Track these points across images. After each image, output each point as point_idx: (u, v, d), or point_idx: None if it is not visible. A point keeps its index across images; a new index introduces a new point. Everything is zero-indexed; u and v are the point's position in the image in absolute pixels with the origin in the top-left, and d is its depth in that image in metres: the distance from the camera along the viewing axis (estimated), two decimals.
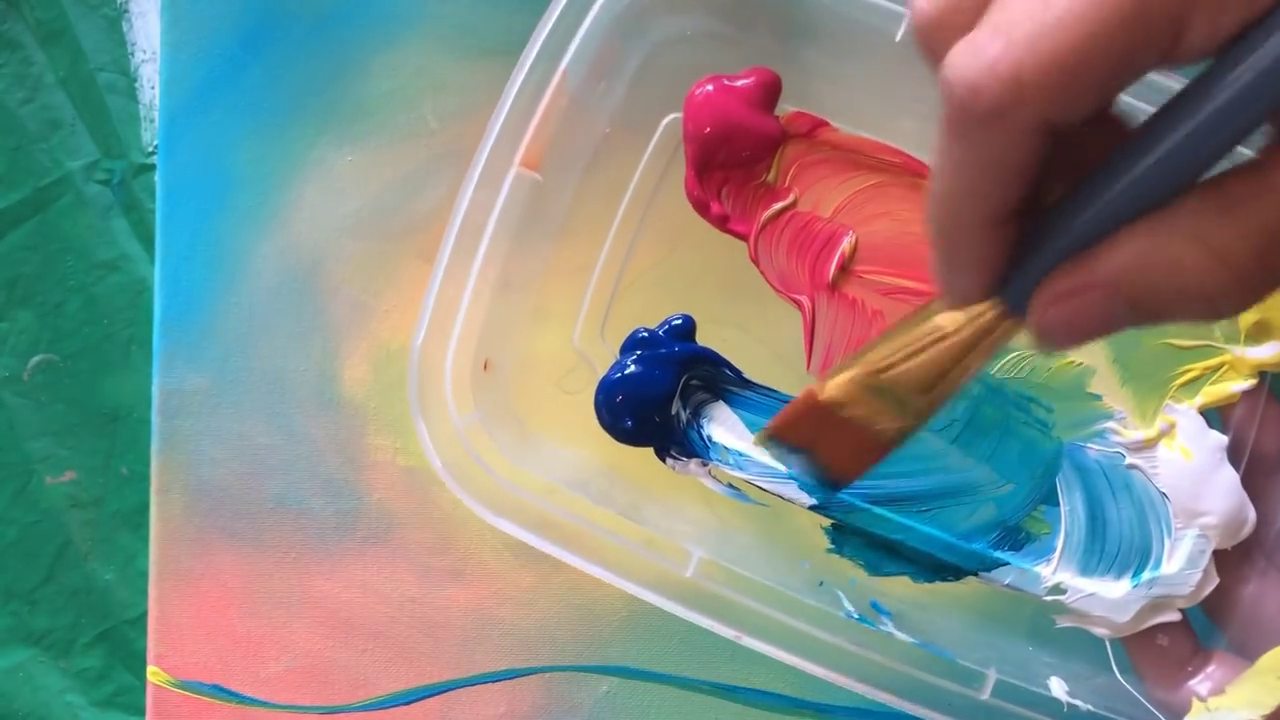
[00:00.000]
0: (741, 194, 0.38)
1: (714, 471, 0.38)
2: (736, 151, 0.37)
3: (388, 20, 0.40)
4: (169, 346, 0.41)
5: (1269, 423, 0.36)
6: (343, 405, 0.41)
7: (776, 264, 0.38)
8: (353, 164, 0.41)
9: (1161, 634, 0.35)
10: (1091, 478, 0.37)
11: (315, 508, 0.41)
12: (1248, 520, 0.35)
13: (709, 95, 0.36)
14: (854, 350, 0.38)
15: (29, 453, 0.43)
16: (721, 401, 0.38)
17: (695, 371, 0.38)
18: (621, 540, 0.35)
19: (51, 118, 0.43)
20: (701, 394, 0.38)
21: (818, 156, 0.38)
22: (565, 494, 0.36)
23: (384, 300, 0.41)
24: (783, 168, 0.38)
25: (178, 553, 0.41)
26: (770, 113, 0.37)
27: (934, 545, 0.37)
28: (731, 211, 0.38)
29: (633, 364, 0.37)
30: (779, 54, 0.37)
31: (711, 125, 0.36)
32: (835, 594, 0.36)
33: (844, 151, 0.38)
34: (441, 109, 0.40)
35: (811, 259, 0.38)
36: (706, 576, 0.35)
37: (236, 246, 0.41)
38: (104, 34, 0.43)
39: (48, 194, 0.43)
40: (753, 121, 0.36)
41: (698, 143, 0.36)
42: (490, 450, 0.36)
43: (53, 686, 0.43)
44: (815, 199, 0.38)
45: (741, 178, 0.38)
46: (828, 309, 0.38)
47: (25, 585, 0.43)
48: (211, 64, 0.41)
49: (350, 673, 0.41)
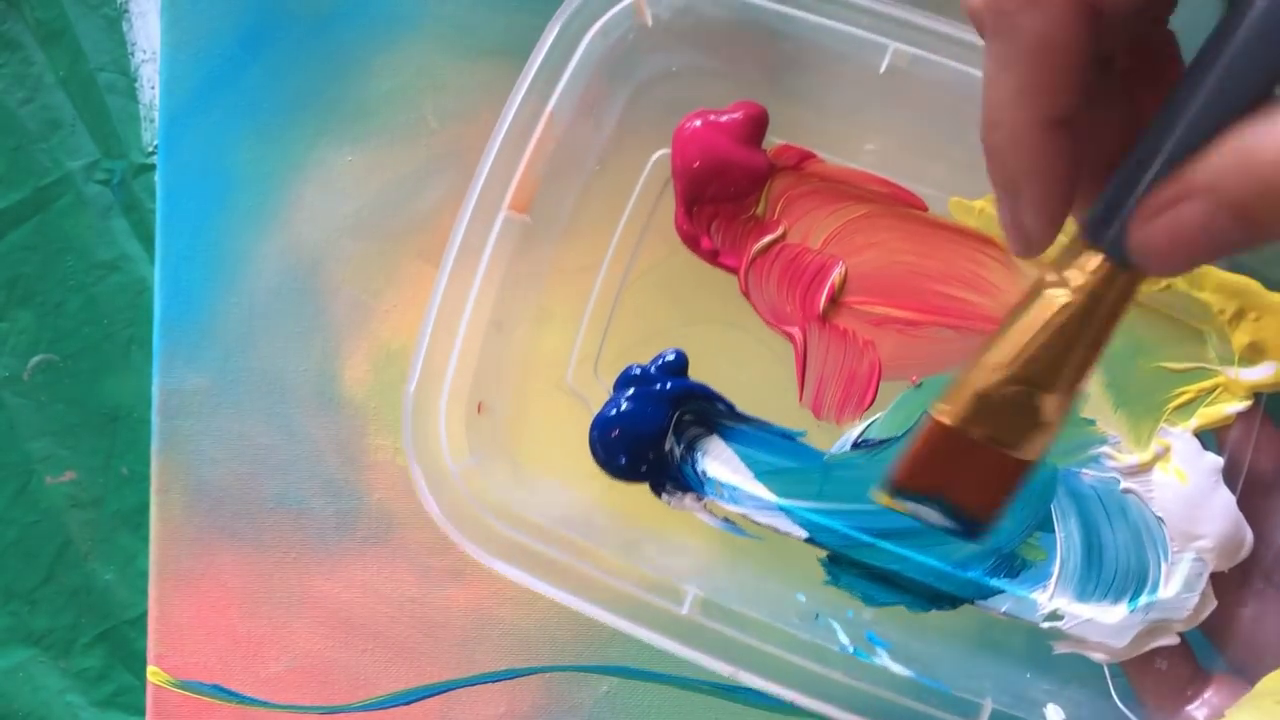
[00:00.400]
0: (731, 228, 0.38)
1: (709, 506, 0.38)
2: (725, 186, 0.37)
3: (388, 20, 0.40)
4: (169, 346, 0.41)
5: (1265, 443, 0.35)
6: (343, 405, 0.41)
7: (767, 296, 0.38)
8: (353, 164, 0.41)
9: (1160, 658, 0.35)
10: (1086, 503, 0.37)
11: (315, 508, 0.41)
12: (1245, 542, 0.35)
13: (696, 131, 0.36)
14: (844, 381, 0.38)
15: (29, 453, 0.43)
16: (715, 435, 0.38)
17: (688, 406, 0.38)
18: (618, 580, 0.35)
19: (51, 118, 0.43)
20: (695, 428, 0.38)
21: (806, 188, 0.38)
22: (562, 534, 0.36)
23: (384, 300, 0.41)
24: (771, 200, 0.38)
25: (178, 553, 0.41)
26: (758, 146, 0.37)
27: (930, 574, 0.37)
28: (721, 245, 0.38)
29: (626, 401, 0.37)
30: (765, 87, 0.37)
31: (699, 160, 0.36)
32: (831, 626, 0.36)
33: (832, 183, 0.38)
34: (441, 109, 0.40)
35: (802, 291, 0.38)
36: (703, 614, 0.35)
37: (236, 246, 0.41)
38: (104, 34, 0.43)
39: (48, 194, 0.43)
40: (740, 156, 0.37)
41: (686, 178, 0.37)
42: (486, 492, 0.36)
43: (53, 686, 0.43)
44: (804, 231, 0.38)
45: (731, 212, 0.38)
46: (819, 340, 0.38)
47: (25, 585, 0.43)
48: (211, 64, 0.41)
49: (350, 673, 0.41)
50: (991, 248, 0.38)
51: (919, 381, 0.38)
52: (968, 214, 0.37)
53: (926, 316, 0.38)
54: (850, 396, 0.38)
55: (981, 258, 0.38)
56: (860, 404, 0.38)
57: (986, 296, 0.38)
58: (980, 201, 0.37)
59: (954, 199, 0.37)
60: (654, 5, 0.36)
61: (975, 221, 0.37)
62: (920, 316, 0.38)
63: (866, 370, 0.38)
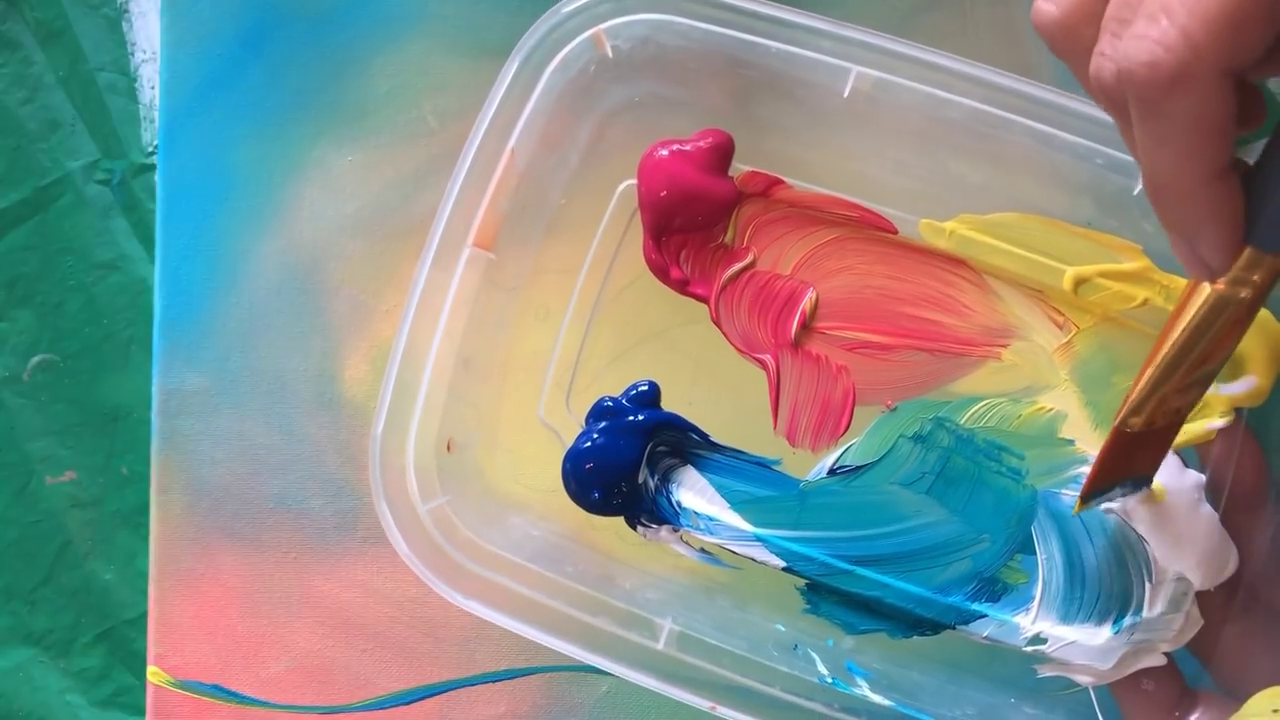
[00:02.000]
0: (700, 256, 0.38)
1: (685, 537, 0.38)
2: (693, 216, 0.37)
3: (388, 20, 0.40)
4: (169, 346, 0.41)
5: (1246, 458, 0.35)
6: (343, 405, 0.41)
7: (738, 324, 0.38)
8: (353, 164, 0.41)
9: (1147, 679, 0.35)
10: (1068, 524, 0.36)
11: (315, 508, 0.41)
12: (1229, 560, 0.34)
13: (662, 161, 0.36)
14: (818, 408, 0.37)
15: (29, 453, 0.43)
16: (689, 466, 0.38)
17: (662, 437, 0.37)
18: (593, 616, 0.35)
19: (51, 118, 0.43)
20: (669, 459, 0.38)
21: (774, 215, 0.38)
22: (535, 571, 0.36)
23: (384, 300, 0.41)
24: (740, 227, 0.38)
25: (178, 553, 0.41)
26: (724, 174, 0.37)
27: (910, 600, 0.36)
28: (691, 275, 0.38)
29: (598, 434, 0.37)
30: (730, 114, 0.37)
31: (666, 190, 0.36)
32: (811, 657, 0.36)
33: (801, 208, 0.38)
34: (441, 109, 0.40)
35: (773, 318, 0.38)
36: (679, 648, 0.35)
37: (236, 246, 0.41)
38: (104, 34, 0.43)
39: (48, 194, 0.43)
40: (707, 185, 0.36)
41: (653, 209, 0.37)
42: (457, 531, 0.36)
43: (53, 686, 0.43)
44: (774, 257, 0.38)
45: (699, 240, 0.38)
46: (792, 367, 0.38)
47: (25, 585, 0.43)
48: (211, 64, 0.41)
49: (350, 673, 0.41)
50: (963, 269, 0.37)
51: (894, 406, 0.38)
52: (938, 236, 0.37)
53: (899, 340, 0.38)
54: (825, 423, 0.38)
55: (953, 279, 0.37)
56: (835, 430, 0.38)
57: (959, 318, 0.38)
58: (950, 223, 0.37)
59: (924, 221, 0.37)
60: (613, 37, 0.35)
61: (946, 243, 0.37)
62: (893, 340, 0.38)
63: (840, 396, 0.38)
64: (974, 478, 0.37)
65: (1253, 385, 0.35)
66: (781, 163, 0.37)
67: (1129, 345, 0.37)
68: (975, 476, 0.37)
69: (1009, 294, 0.37)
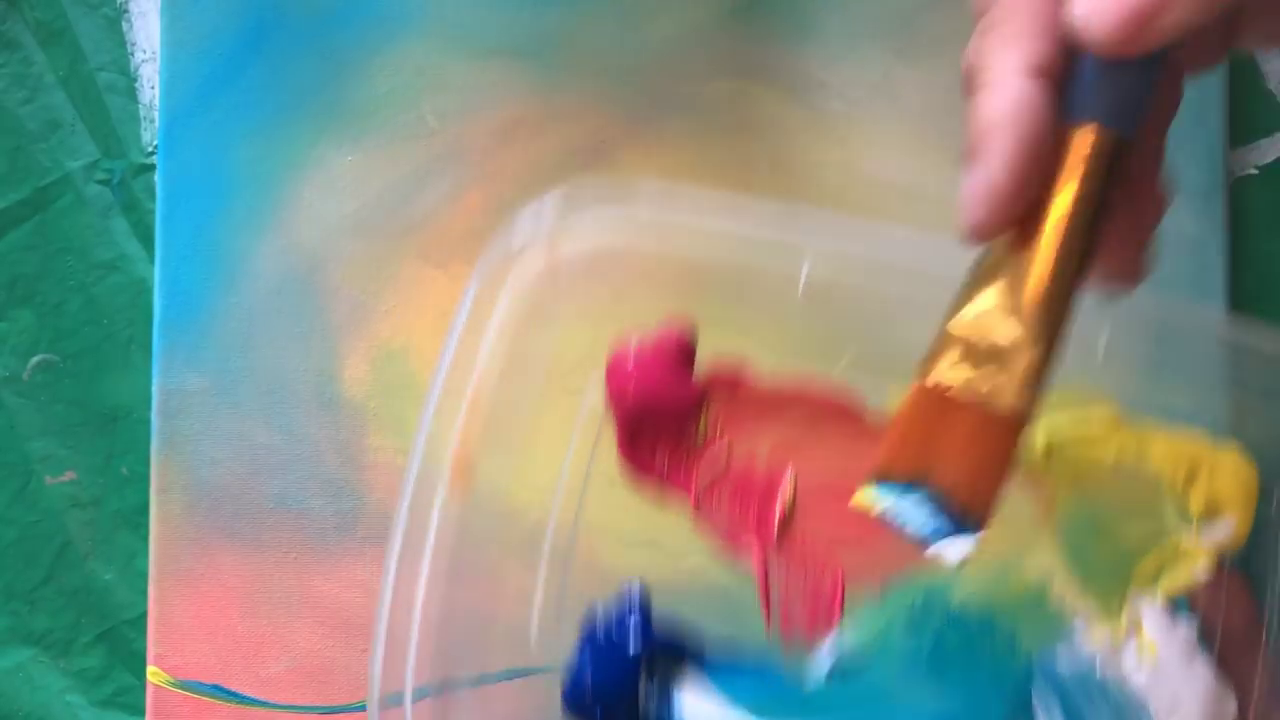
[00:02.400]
0: (676, 454, 0.38)
1: None
2: (662, 421, 0.37)
3: (388, 20, 0.40)
4: (169, 346, 0.41)
5: (1235, 600, 0.35)
6: (343, 405, 0.41)
7: (720, 521, 0.38)
8: (353, 164, 0.41)
9: None
10: (1067, 689, 0.36)
11: (315, 508, 0.41)
12: (1229, 713, 0.34)
13: (625, 372, 0.36)
14: (808, 600, 0.37)
15: (29, 453, 0.43)
16: (690, 680, 0.37)
17: (659, 658, 0.37)
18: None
19: (51, 118, 0.43)
20: (669, 673, 0.37)
21: (745, 408, 0.38)
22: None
23: (384, 300, 0.41)
24: (711, 421, 0.38)
25: (178, 553, 0.41)
26: (688, 372, 0.37)
27: None
28: (668, 473, 0.38)
29: (591, 668, 0.36)
30: (691, 306, 0.36)
31: (633, 399, 0.36)
32: None
33: (770, 396, 0.37)
34: (441, 109, 0.40)
35: (755, 512, 0.37)
36: None
37: (236, 246, 0.41)
38: (104, 34, 0.43)
39: (48, 194, 0.43)
40: (672, 391, 0.37)
41: (622, 419, 0.37)
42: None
43: (53, 686, 0.43)
44: (749, 444, 0.38)
45: (672, 438, 0.37)
46: (778, 562, 0.37)
47: (25, 585, 0.43)
48: (211, 64, 0.41)
49: (350, 673, 0.41)
50: None
51: (881, 594, 0.37)
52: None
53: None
54: (818, 614, 0.37)
55: None
56: (829, 621, 0.37)
57: None
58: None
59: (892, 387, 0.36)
60: (553, 253, 0.35)
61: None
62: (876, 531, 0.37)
63: (830, 586, 0.37)
64: (967, 654, 0.36)
65: (1231, 529, 0.35)
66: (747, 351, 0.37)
67: (1106, 504, 0.36)
68: (968, 652, 0.36)
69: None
